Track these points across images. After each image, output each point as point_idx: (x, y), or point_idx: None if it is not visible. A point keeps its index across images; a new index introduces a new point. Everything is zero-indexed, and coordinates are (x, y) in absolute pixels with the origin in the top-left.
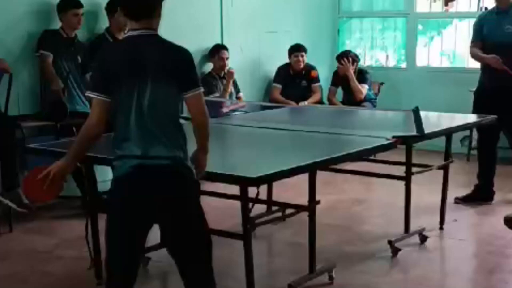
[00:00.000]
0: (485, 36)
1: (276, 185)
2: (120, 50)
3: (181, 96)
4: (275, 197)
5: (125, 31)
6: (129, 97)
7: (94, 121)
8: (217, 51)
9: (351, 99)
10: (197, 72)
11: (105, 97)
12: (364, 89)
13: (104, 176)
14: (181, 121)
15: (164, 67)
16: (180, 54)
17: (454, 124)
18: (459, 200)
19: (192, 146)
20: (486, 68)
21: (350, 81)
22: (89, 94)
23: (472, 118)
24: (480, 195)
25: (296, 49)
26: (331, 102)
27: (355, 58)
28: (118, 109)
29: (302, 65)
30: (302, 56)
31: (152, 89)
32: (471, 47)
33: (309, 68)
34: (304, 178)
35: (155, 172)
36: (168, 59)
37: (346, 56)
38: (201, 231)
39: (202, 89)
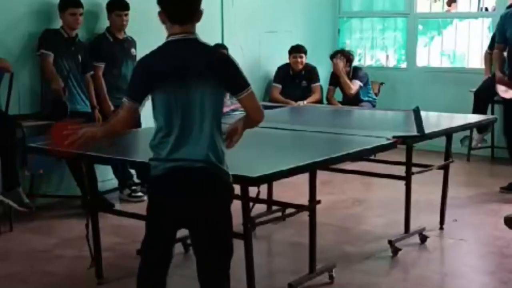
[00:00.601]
0: (509, 39)
1: (276, 185)
2: (165, 55)
3: (233, 98)
4: (275, 197)
5: (125, 31)
6: (171, 100)
7: (121, 120)
8: None
9: (346, 98)
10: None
11: (135, 103)
12: (355, 85)
13: (104, 176)
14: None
15: (209, 71)
16: (223, 58)
17: (454, 124)
18: (504, 190)
19: None
20: None
21: (340, 77)
22: (124, 98)
23: (472, 118)
24: None
25: (296, 50)
26: (329, 102)
27: (350, 56)
28: (160, 111)
29: (301, 66)
30: (302, 57)
31: (195, 92)
32: (494, 51)
33: (310, 68)
34: (304, 178)
35: (188, 174)
36: (212, 63)
37: (339, 54)
38: (227, 237)
39: (251, 88)
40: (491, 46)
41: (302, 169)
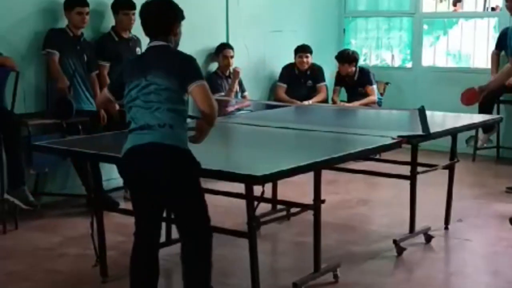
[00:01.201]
0: None
1: (281, 184)
2: (134, 58)
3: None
4: (280, 196)
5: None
6: (133, 91)
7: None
8: (221, 50)
9: (354, 101)
10: (200, 70)
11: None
12: (372, 92)
13: (109, 174)
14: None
15: (162, 65)
16: (181, 56)
17: (460, 124)
18: (510, 190)
19: None
20: None
21: (359, 103)
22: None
23: (477, 118)
24: None
25: (302, 50)
26: (334, 102)
27: (355, 57)
28: (127, 101)
29: (306, 66)
30: (307, 57)
31: (150, 83)
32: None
33: (315, 68)
34: (309, 177)
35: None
36: (168, 59)
37: (347, 58)
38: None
39: (204, 82)
40: (497, 46)
41: (306, 168)
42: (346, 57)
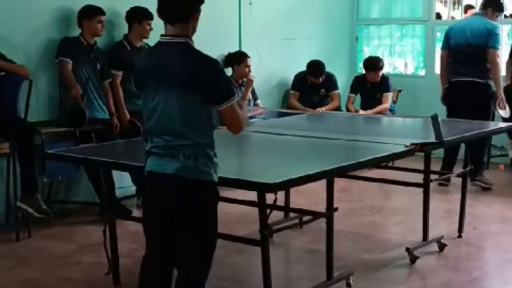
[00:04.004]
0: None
1: (293, 192)
2: (150, 57)
3: (212, 107)
4: (292, 204)
5: (147, 38)
6: (150, 103)
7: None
8: (243, 59)
9: (370, 107)
10: (228, 81)
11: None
12: (387, 100)
13: (122, 182)
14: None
15: (188, 77)
16: (209, 66)
17: (473, 131)
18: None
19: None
20: None
21: (372, 111)
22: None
23: (490, 125)
24: None
25: (315, 73)
26: (348, 110)
27: (381, 66)
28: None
29: (320, 81)
30: (321, 77)
31: (169, 96)
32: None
33: (328, 76)
34: (321, 185)
35: (160, 180)
36: (194, 70)
37: (377, 65)
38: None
39: (234, 100)
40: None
41: (319, 176)
42: (377, 65)
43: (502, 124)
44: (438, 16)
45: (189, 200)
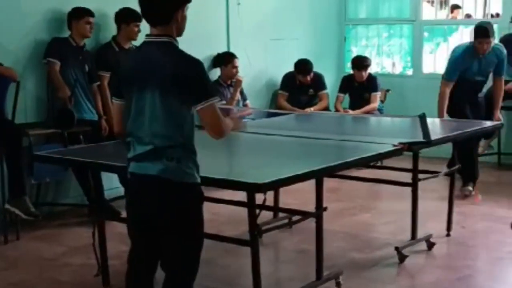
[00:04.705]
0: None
1: (282, 192)
2: (134, 58)
3: (191, 108)
4: (282, 205)
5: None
6: (134, 104)
7: (114, 123)
8: (230, 60)
9: (358, 107)
10: (209, 82)
11: (119, 101)
12: (375, 99)
13: (110, 184)
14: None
15: (165, 76)
16: (190, 66)
17: (461, 130)
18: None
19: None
20: None
21: (360, 111)
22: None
23: (478, 124)
24: None
25: (302, 71)
26: (337, 110)
27: (370, 63)
28: (127, 114)
29: (308, 80)
30: (309, 75)
31: (151, 97)
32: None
33: (316, 76)
34: (311, 185)
35: (142, 182)
36: (175, 70)
37: (364, 64)
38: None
39: (215, 101)
40: None
41: (308, 175)
42: (362, 63)
43: (489, 123)
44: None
45: (173, 202)
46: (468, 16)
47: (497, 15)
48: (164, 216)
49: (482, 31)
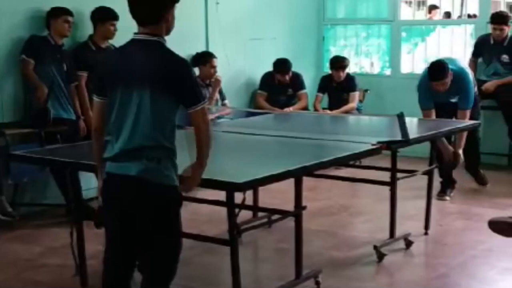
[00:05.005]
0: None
1: (262, 192)
2: (120, 56)
3: (181, 109)
4: (261, 204)
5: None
6: (116, 102)
7: (93, 120)
8: (208, 59)
9: (337, 107)
10: (197, 84)
11: (101, 99)
12: (354, 99)
13: (88, 183)
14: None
15: (154, 76)
16: (181, 67)
17: (439, 129)
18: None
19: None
20: None
21: (339, 111)
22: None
23: (455, 123)
24: None
25: (281, 70)
26: (316, 109)
27: (348, 63)
28: (109, 112)
29: (286, 80)
30: (288, 74)
31: (138, 96)
32: None
33: (295, 75)
34: (290, 185)
35: (119, 182)
36: (168, 71)
37: (342, 63)
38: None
39: (203, 104)
40: (474, 54)
41: (287, 174)
42: (340, 63)
43: (470, 122)
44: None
45: (152, 203)
46: (447, 14)
47: (474, 16)
48: (143, 217)
49: (433, 74)
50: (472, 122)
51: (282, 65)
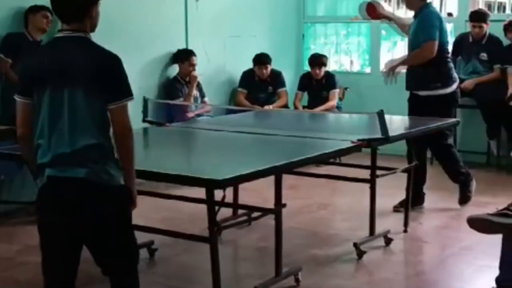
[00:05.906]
0: None
1: (242, 190)
2: (44, 55)
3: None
4: (241, 202)
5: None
6: (44, 104)
7: (19, 123)
8: (187, 57)
9: (317, 105)
10: (127, 80)
11: (26, 99)
12: (334, 97)
13: None
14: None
15: (85, 73)
16: (112, 63)
17: (418, 127)
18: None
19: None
20: None
21: (319, 109)
22: (15, 97)
23: (434, 122)
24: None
25: (261, 62)
26: (296, 107)
27: (326, 61)
28: (36, 113)
29: (266, 76)
30: (267, 68)
31: (70, 95)
32: None
33: (275, 73)
34: (270, 183)
35: (66, 186)
36: (99, 68)
37: (320, 61)
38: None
39: (128, 100)
40: (453, 52)
41: (267, 172)
42: (318, 61)
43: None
44: None
45: (101, 205)
46: None
47: (451, 14)
48: (92, 220)
49: None
50: (451, 119)
51: (261, 57)
